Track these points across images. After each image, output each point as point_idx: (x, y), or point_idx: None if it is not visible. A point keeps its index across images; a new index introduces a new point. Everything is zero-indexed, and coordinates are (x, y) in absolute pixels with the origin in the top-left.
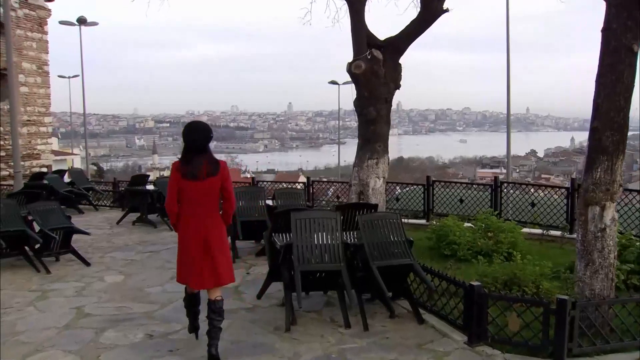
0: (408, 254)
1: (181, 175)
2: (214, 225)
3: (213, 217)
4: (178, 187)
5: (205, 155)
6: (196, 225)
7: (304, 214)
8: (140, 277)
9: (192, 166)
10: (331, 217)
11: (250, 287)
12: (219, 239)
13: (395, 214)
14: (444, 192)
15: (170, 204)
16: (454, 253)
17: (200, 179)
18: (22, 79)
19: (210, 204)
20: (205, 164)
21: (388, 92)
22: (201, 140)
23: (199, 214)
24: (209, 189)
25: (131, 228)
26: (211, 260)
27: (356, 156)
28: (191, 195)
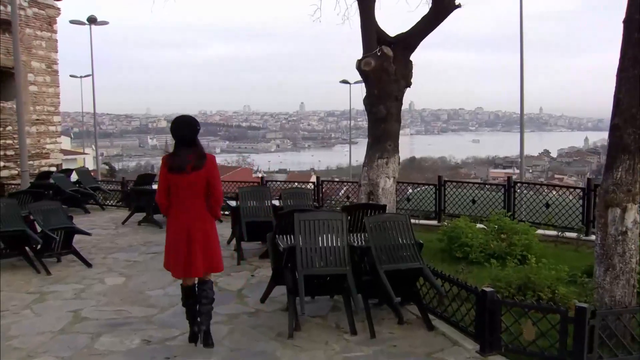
0: (417, 258)
1: (168, 168)
2: (200, 218)
3: (199, 210)
4: (167, 180)
5: (193, 149)
6: (182, 218)
7: (308, 215)
8: (142, 280)
9: (179, 160)
10: (337, 219)
11: (254, 291)
12: (203, 231)
13: (404, 215)
14: (456, 193)
15: (159, 197)
16: (465, 255)
17: (186, 173)
18: (31, 78)
19: (196, 197)
20: (192, 157)
21: (398, 90)
22: (189, 134)
23: (186, 207)
24: (195, 183)
25: (136, 228)
26: (194, 252)
27: (366, 155)
28: (178, 188)
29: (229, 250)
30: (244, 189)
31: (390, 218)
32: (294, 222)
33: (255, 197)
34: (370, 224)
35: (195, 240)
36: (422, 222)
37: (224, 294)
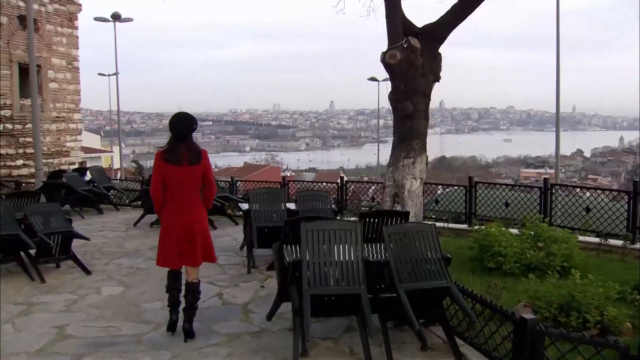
0: (444, 275)
1: (164, 161)
2: (195, 210)
3: (194, 203)
4: (162, 173)
5: (186, 143)
6: (178, 211)
7: (317, 225)
8: (141, 290)
9: (174, 152)
10: (350, 229)
11: (261, 305)
12: (200, 223)
13: (430, 225)
14: (488, 194)
15: (154, 190)
16: (499, 266)
17: (182, 165)
18: (52, 75)
19: (191, 190)
20: (186, 151)
21: (426, 84)
22: (184, 129)
23: (181, 200)
24: (191, 176)
25: (147, 230)
26: (190, 243)
27: (391, 155)
28: (173, 180)
29: (241, 257)
30: (256, 190)
31: (413, 228)
32: (301, 232)
33: (268, 199)
34: (390, 234)
35: (195, 232)
36: (451, 226)
37: (228, 309)
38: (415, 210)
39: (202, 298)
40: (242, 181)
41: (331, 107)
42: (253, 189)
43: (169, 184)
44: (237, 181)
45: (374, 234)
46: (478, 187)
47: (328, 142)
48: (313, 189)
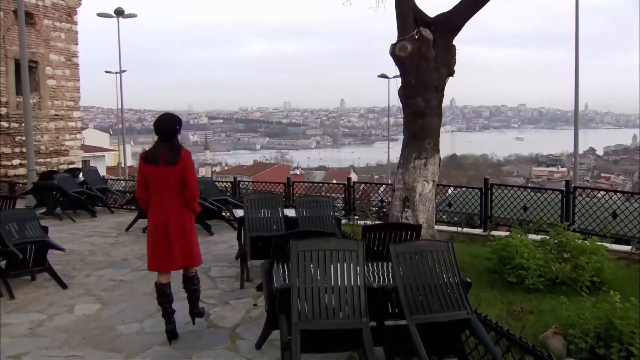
0: (463, 304)
1: (144, 160)
2: (176, 212)
3: (172, 204)
4: (143, 174)
5: (168, 144)
6: (158, 211)
7: (310, 244)
8: (119, 308)
9: (154, 152)
10: (351, 249)
11: (252, 328)
12: (179, 225)
13: (445, 243)
14: (505, 196)
15: (138, 191)
16: (520, 280)
17: (160, 165)
18: (50, 72)
19: (170, 191)
20: (164, 151)
21: (439, 79)
22: (165, 130)
23: (161, 201)
24: (168, 177)
25: (139, 236)
26: (166, 246)
27: (401, 155)
28: (153, 181)
29: (236, 267)
30: (251, 196)
31: (426, 246)
32: (290, 253)
33: (264, 205)
34: (399, 254)
35: (172, 234)
36: (466, 231)
37: (213, 333)
38: (427, 216)
39: (187, 320)
40: (245, 182)
41: (342, 105)
42: (247, 193)
43: (150, 185)
44: (240, 182)
45: (379, 246)
46: (494, 190)
47: (339, 140)
48: (317, 193)
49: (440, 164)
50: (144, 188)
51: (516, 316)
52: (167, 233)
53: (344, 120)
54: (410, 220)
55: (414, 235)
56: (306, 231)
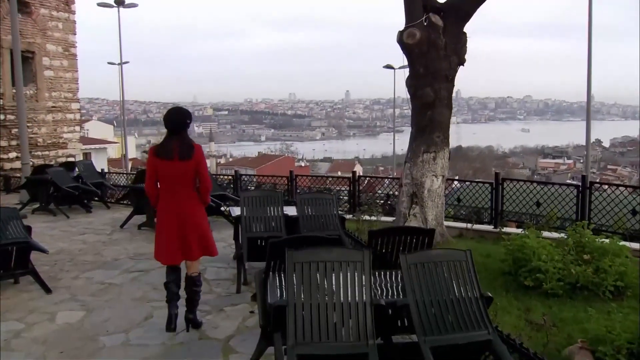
0: (484, 322)
1: (156, 155)
2: (189, 205)
3: (188, 197)
4: (154, 168)
5: (179, 138)
6: (171, 206)
7: (308, 255)
8: (105, 315)
9: (165, 147)
10: (356, 260)
11: (247, 340)
12: (194, 219)
13: (464, 252)
14: (516, 190)
15: (148, 186)
16: (538, 284)
17: (173, 160)
18: (47, 62)
19: (184, 185)
20: (177, 146)
21: (449, 68)
22: (175, 124)
23: (174, 195)
24: (183, 171)
25: (134, 233)
26: (183, 238)
27: (408, 149)
28: (165, 175)
29: (233, 269)
30: (248, 193)
31: (442, 256)
32: (287, 265)
33: (263, 203)
34: (410, 265)
35: (188, 226)
36: (476, 227)
37: (205, 346)
38: (436, 212)
39: (177, 330)
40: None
41: (347, 97)
42: (244, 190)
43: (161, 179)
44: (242, 175)
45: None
46: (505, 185)
47: (344, 131)
48: (321, 185)
49: (449, 157)
50: (154, 183)
51: (535, 326)
52: (183, 225)
53: (349, 111)
54: (419, 217)
55: (426, 242)
56: (305, 237)
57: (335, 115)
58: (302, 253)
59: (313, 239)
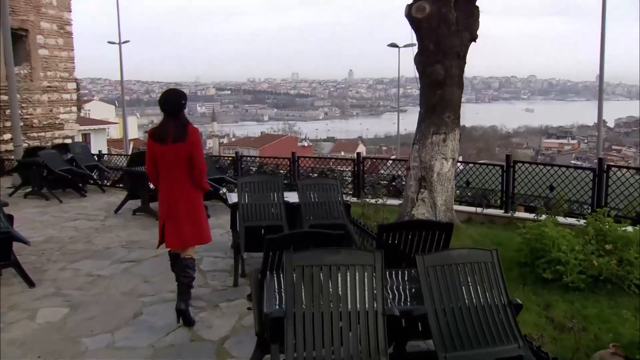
0: (513, 334)
1: (152, 137)
2: (184, 189)
3: (180, 182)
4: (151, 151)
5: (174, 120)
6: (166, 189)
7: (311, 257)
8: (91, 313)
9: (160, 130)
10: (365, 263)
11: (243, 342)
12: (187, 203)
13: (489, 252)
14: (528, 172)
15: (148, 167)
16: (558, 277)
17: (168, 143)
18: (41, 41)
19: (179, 168)
20: (172, 128)
21: (461, 45)
22: (170, 105)
23: (169, 178)
24: (176, 154)
25: (128, 219)
26: (175, 223)
27: (417, 130)
28: (161, 158)
29: (231, 258)
30: (246, 177)
31: (464, 257)
32: (285, 269)
33: (262, 189)
34: (428, 267)
35: (180, 212)
36: (486, 212)
37: (197, 349)
38: (446, 197)
39: (166, 329)
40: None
41: (350, 76)
42: (243, 174)
43: (158, 162)
44: (243, 156)
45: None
46: (517, 168)
47: (347, 111)
48: (324, 166)
49: (460, 139)
50: (152, 165)
51: (558, 326)
52: (176, 211)
53: (352, 91)
54: (427, 202)
55: (443, 237)
56: (306, 233)
57: (338, 95)
58: (302, 255)
59: (315, 235)
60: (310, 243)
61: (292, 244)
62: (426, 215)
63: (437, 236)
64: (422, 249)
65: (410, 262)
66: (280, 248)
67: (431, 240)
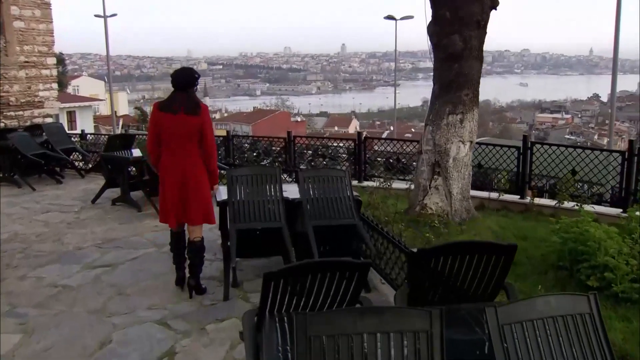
0: None
1: (159, 108)
2: (192, 165)
3: (191, 157)
4: (156, 124)
5: (185, 94)
6: (173, 164)
7: (334, 322)
8: (47, 341)
9: (170, 101)
10: (417, 329)
11: None
12: (195, 180)
13: (584, 298)
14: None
15: (150, 143)
16: (605, 285)
17: (178, 114)
18: (16, 12)
19: (187, 142)
20: (184, 100)
21: (482, 12)
22: (183, 79)
23: (177, 153)
24: (186, 127)
25: (107, 211)
26: (185, 200)
27: (430, 109)
28: (167, 131)
29: (219, 262)
30: (237, 171)
31: (552, 308)
32: (296, 339)
33: (256, 183)
34: (503, 325)
35: (190, 191)
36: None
37: None
38: (462, 184)
39: None
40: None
41: (343, 50)
42: (232, 167)
43: (164, 136)
44: (234, 137)
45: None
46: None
47: (339, 85)
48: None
49: (477, 119)
50: (155, 141)
51: (620, 353)
52: (184, 187)
53: (345, 65)
54: (441, 190)
55: (501, 263)
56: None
57: (331, 69)
58: (322, 319)
59: (332, 266)
60: (324, 277)
61: (300, 280)
62: (440, 205)
63: (493, 261)
64: (470, 279)
65: (455, 298)
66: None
67: (484, 267)
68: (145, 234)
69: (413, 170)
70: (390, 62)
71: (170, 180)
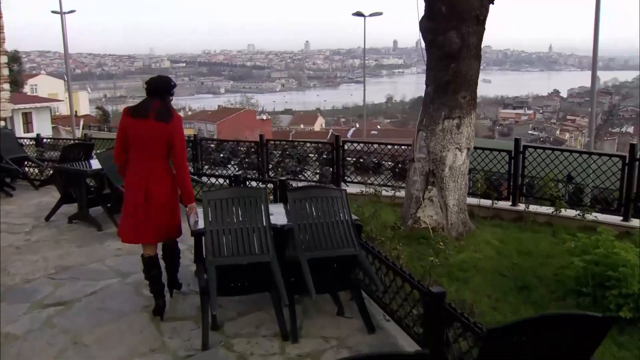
0: None
1: (128, 114)
2: (159, 176)
3: (159, 167)
4: (124, 130)
5: (159, 100)
6: (136, 176)
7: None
8: None
9: (142, 106)
10: None
11: None
12: (161, 192)
13: None
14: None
15: (117, 150)
16: (636, 315)
17: (148, 119)
18: None
19: (155, 151)
20: (155, 105)
21: (481, 6)
22: (158, 86)
23: (144, 161)
24: (155, 135)
25: (62, 231)
26: (149, 213)
27: (422, 113)
28: (136, 138)
29: (195, 295)
30: (213, 193)
31: None
32: None
33: (237, 207)
34: None
35: (155, 201)
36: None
37: None
38: (459, 196)
39: None
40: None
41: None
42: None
43: (131, 143)
44: (203, 140)
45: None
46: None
47: (304, 82)
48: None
49: (474, 124)
50: (122, 150)
51: None
52: (148, 198)
53: (309, 62)
54: (436, 202)
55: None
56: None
57: (295, 67)
58: None
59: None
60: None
61: None
62: (435, 219)
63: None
64: None
65: None
66: None
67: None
68: (107, 260)
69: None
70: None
71: (132, 193)
